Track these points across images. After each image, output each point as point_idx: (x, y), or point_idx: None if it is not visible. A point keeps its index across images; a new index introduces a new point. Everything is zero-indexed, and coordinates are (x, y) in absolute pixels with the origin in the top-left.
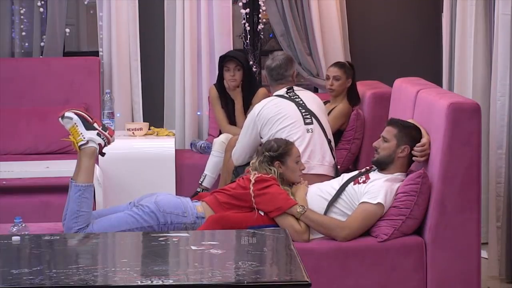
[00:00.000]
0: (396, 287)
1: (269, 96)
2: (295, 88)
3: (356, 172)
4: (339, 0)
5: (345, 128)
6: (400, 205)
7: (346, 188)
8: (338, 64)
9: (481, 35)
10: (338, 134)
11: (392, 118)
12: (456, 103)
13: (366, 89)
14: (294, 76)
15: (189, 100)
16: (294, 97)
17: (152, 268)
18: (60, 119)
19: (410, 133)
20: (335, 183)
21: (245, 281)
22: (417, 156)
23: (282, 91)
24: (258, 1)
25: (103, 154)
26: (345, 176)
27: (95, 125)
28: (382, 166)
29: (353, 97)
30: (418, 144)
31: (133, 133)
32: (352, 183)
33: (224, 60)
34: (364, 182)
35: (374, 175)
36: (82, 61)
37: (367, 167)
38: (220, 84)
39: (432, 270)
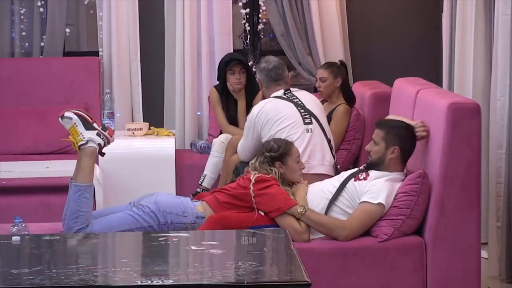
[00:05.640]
0: (396, 287)
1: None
2: (292, 89)
3: (355, 169)
4: (339, 0)
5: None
6: (400, 205)
7: (347, 185)
8: (325, 65)
9: (481, 35)
10: None
11: (379, 120)
12: (456, 103)
13: (366, 89)
14: (289, 78)
15: (189, 100)
16: (292, 97)
17: (152, 268)
18: (59, 119)
19: (399, 133)
20: (335, 181)
21: (245, 281)
22: (419, 133)
23: (280, 92)
24: (258, 1)
25: (102, 154)
26: (344, 174)
27: (95, 125)
28: (376, 168)
29: (348, 97)
30: (414, 124)
31: (133, 133)
32: (353, 179)
33: (229, 63)
34: (364, 178)
35: (374, 173)
36: (82, 61)
37: (365, 164)
38: (222, 87)
39: (432, 270)
